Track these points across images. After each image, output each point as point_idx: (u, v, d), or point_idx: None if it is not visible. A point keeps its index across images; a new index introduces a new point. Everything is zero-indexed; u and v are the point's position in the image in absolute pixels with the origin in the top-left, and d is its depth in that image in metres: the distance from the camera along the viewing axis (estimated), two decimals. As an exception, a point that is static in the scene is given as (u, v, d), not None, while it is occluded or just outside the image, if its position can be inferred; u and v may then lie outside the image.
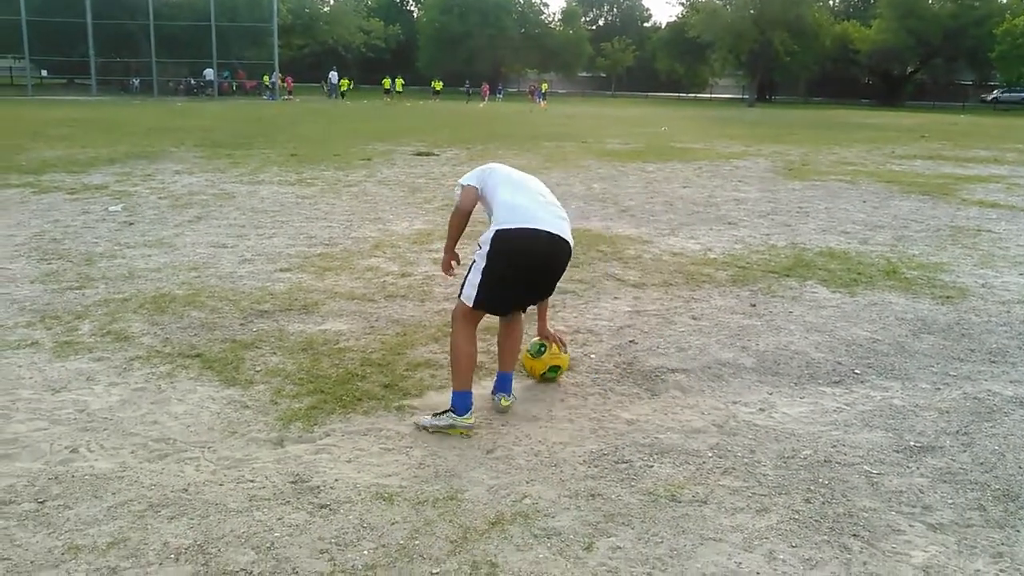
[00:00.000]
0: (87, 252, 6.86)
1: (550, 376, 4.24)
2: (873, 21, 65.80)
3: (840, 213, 9.78)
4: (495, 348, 4.13)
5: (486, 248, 3.62)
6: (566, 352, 4.30)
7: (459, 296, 3.73)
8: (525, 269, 3.68)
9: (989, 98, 66.16)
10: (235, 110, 32.38)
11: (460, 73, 67.84)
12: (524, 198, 3.77)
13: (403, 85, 54.50)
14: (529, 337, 4.32)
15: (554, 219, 3.73)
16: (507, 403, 3.88)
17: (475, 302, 3.65)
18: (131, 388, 4.02)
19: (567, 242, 3.73)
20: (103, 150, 14.94)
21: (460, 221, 3.91)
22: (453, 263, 4.14)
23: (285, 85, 51.58)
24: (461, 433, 3.60)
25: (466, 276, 3.70)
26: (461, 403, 3.63)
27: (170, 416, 3.71)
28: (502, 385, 3.92)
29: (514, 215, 3.66)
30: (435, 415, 3.68)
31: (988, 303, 5.92)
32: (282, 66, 51.29)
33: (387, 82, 52.21)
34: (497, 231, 3.63)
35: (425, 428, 3.64)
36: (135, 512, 2.90)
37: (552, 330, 4.29)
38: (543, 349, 4.22)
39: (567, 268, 3.87)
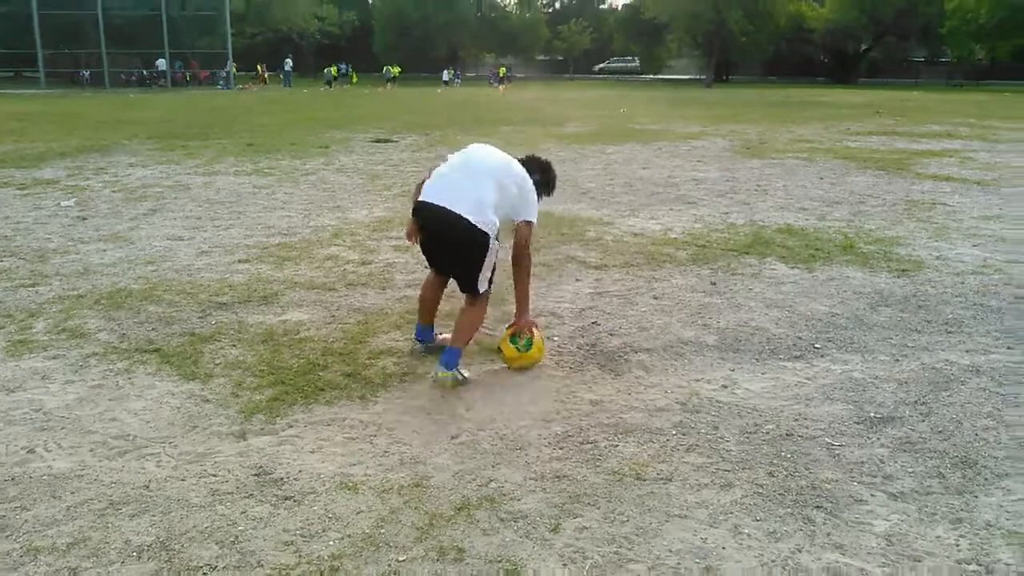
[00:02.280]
0: (40, 248, 6.72)
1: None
2: (826, 0, 66.41)
3: (797, 190, 9.88)
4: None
5: None
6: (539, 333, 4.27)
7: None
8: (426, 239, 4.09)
9: (596, 68, 74.63)
10: (189, 100, 31.87)
11: (417, 59, 67.38)
12: (444, 168, 4.08)
13: (338, 72, 54.64)
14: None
15: (450, 190, 3.93)
16: (445, 376, 4.01)
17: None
18: (88, 385, 3.95)
19: (453, 214, 3.86)
20: (54, 144, 14.61)
21: None
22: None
23: (260, 72, 51.65)
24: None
25: None
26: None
27: (129, 412, 3.65)
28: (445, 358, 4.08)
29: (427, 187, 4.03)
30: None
31: (943, 275, 6.01)
32: (236, 54, 50.60)
33: (394, 69, 53.76)
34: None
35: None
36: (95, 511, 2.85)
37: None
38: (530, 343, 4.15)
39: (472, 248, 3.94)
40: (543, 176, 4.33)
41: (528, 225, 4.07)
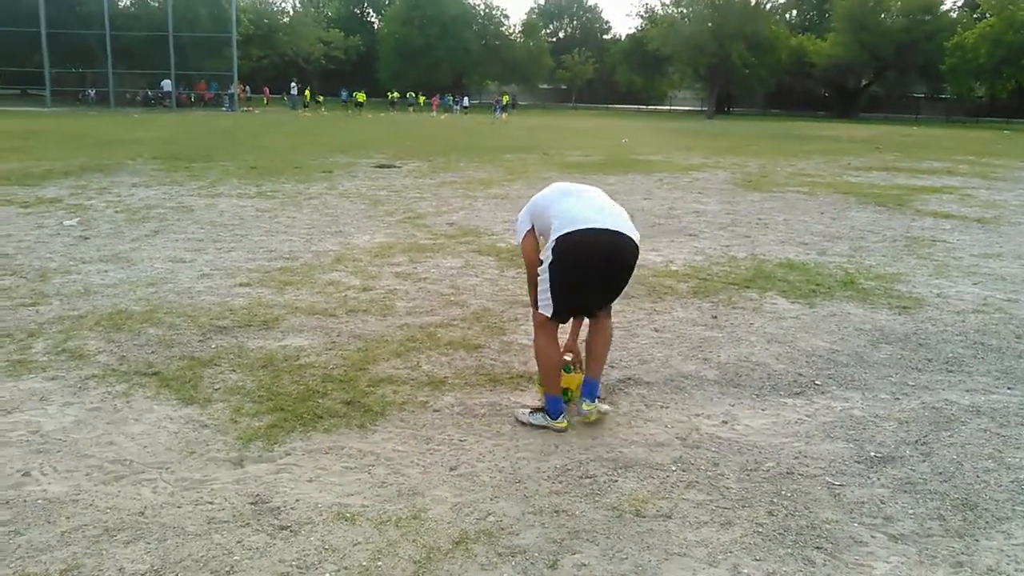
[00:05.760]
0: (41, 268, 6.72)
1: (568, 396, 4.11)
2: (828, 35, 67.02)
3: (798, 224, 9.90)
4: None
5: (549, 258, 3.75)
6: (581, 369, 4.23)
7: (536, 307, 3.88)
8: (593, 268, 3.74)
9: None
10: (193, 122, 32.03)
11: (421, 85, 67.88)
12: (579, 205, 3.84)
13: (311, 95, 55.51)
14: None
15: (614, 219, 3.78)
16: (591, 409, 3.88)
17: (553, 312, 3.80)
18: (86, 408, 3.93)
19: (630, 237, 3.76)
20: (58, 163, 14.67)
21: (532, 274, 3.96)
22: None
23: (263, 97, 52.45)
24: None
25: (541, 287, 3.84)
26: (554, 407, 3.84)
27: (126, 436, 3.63)
28: (588, 391, 3.94)
29: (572, 220, 3.73)
30: (531, 412, 3.89)
31: (943, 313, 6.01)
32: (242, 77, 50.98)
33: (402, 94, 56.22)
34: (557, 237, 3.71)
35: (520, 422, 3.87)
36: (90, 537, 2.82)
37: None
38: (570, 368, 4.14)
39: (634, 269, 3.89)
40: None
41: None
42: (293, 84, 53.61)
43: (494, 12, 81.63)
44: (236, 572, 2.64)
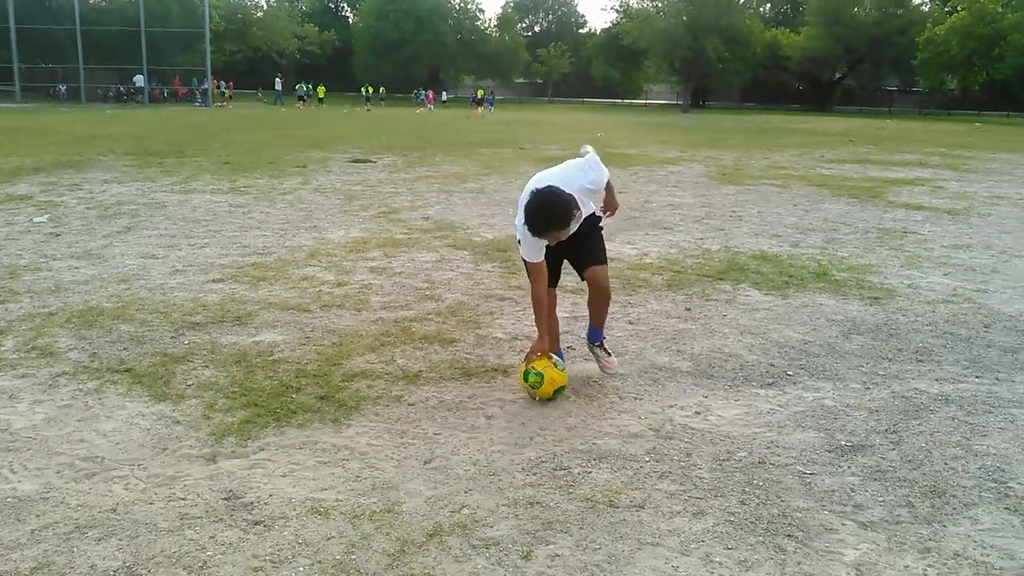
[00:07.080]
0: (10, 265, 6.65)
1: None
2: (802, 28, 67.47)
3: (772, 217, 9.97)
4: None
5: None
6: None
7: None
8: None
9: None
10: (167, 117, 31.75)
11: (397, 79, 67.70)
12: None
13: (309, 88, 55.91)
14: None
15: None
16: None
17: None
18: (57, 405, 3.90)
19: None
20: (28, 159, 14.50)
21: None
22: None
23: (227, 91, 51.96)
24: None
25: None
26: None
27: (98, 434, 3.61)
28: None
29: None
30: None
31: (914, 303, 6.08)
32: (215, 72, 50.62)
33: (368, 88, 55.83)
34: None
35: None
36: (60, 535, 2.80)
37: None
38: (540, 379, 4.06)
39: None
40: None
41: None
42: (278, 79, 53.17)
43: (469, 6, 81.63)
44: (209, 567, 2.63)
